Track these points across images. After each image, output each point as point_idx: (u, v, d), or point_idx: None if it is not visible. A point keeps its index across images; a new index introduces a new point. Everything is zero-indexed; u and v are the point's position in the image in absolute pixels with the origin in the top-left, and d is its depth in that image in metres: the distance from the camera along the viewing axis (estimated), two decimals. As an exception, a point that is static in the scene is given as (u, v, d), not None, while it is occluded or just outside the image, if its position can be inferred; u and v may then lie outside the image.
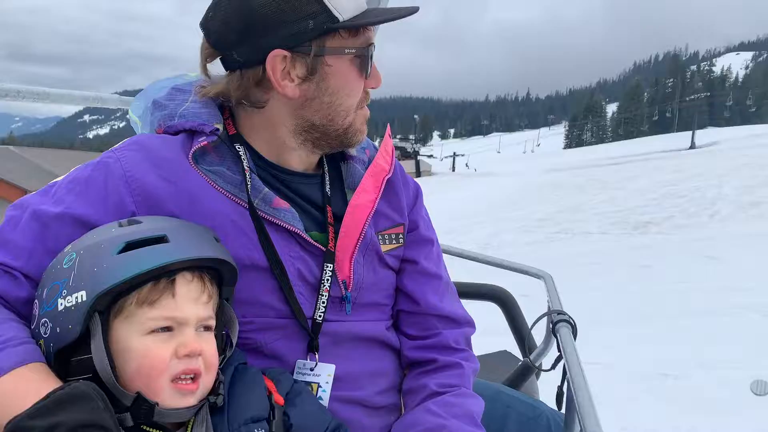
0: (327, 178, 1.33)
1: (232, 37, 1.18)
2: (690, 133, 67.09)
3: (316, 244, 1.24)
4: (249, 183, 1.20)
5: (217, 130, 1.23)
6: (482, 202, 23.99)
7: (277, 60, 1.17)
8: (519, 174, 42.07)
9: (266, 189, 1.22)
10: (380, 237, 1.35)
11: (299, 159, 1.29)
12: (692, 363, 5.19)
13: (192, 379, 0.99)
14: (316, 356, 1.22)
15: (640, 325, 6.54)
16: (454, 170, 64.80)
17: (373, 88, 1.27)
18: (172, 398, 0.97)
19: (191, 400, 0.98)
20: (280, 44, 1.16)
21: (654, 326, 6.41)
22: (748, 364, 5.07)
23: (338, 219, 1.29)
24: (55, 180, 1.23)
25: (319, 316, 1.23)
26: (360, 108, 1.26)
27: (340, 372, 1.25)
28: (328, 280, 1.24)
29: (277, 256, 1.19)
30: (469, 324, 1.44)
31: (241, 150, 1.23)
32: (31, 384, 0.91)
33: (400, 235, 1.39)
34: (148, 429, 0.96)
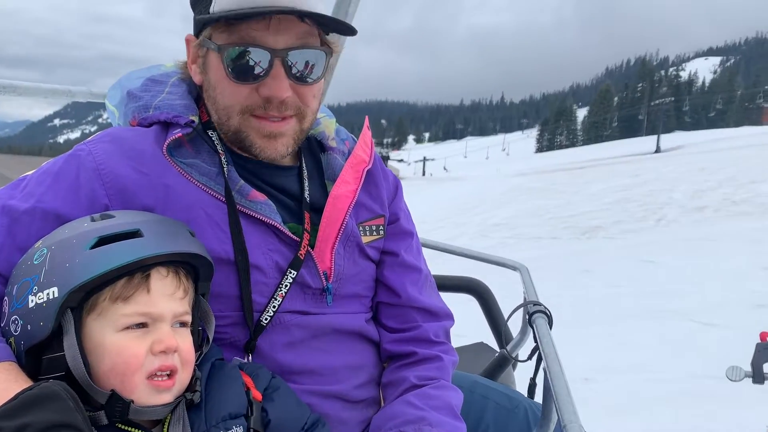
0: (305, 171, 1.32)
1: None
2: (654, 136, 68.22)
3: (292, 236, 1.22)
4: (226, 173, 1.19)
5: (193, 122, 1.21)
6: (444, 207, 24.11)
7: (190, 41, 1.21)
8: (486, 178, 42.40)
9: (242, 181, 1.20)
10: (361, 228, 1.34)
11: None
12: (608, 367, 5.33)
13: (168, 375, 0.97)
14: (250, 357, 1.21)
15: (568, 330, 6.67)
16: (423, 174, 65.07)
17: (265, 96, 1.17)
18: (147, 395, 0.95)
19: (167, 397, 0.97)
20: (192, 29, 1.20)
21: (582, 331, 6.52)
22: (655, 368, 5.23)
23: (317, 210, 1.29)
24: (25, 174, 1.21)
25: (273, 307, 1.20)
26: (248, 113, 1.19)
27: (319, 365, 1.24)
28: (291, 273, 1.22)
29: (243, 247, 1.17)
30: (448, 317, 1.44)
31: (215, 138, 1.23)
32: (1, 383, 0.89)
33: (381, 227, 1.38)
34: (124, 427, 0.95)
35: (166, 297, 0.99)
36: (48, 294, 0.93)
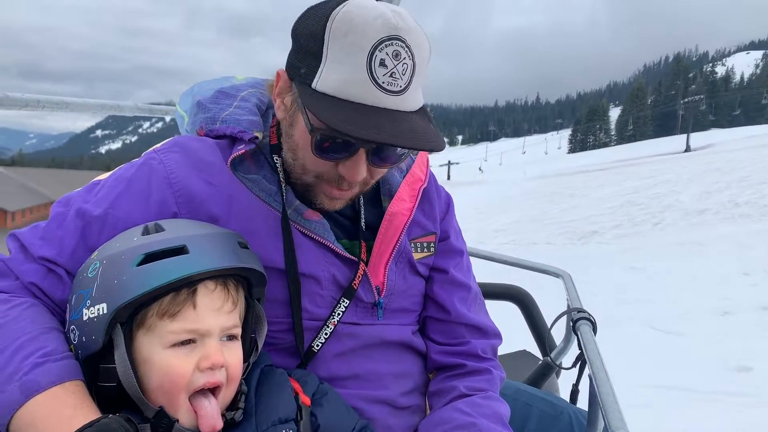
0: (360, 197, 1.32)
1: None
2: (691, 135, 66.71)
3: (345, 254, 1.26)
4: (284, 193, 1.22)
5: (256, 138, 1.24)
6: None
7: (282, 75, 1.19)
8: (505, 182, 42.06)
9: (298, 201, 1.24)
10: (413, 245, 1.37)
11: None
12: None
13: (212, 391, 0.98)
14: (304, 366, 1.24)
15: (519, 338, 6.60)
16: (449, 179, 64.83)
17: (341, 174, 1.16)
18: (188, 419, 0.96)
19: (213, 423, 0.96)
20: (288, 66, 1.17)
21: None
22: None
23: (369, 226, 1.32)
24: (98, 178, 1.26)
25: (325, 335, 1.24)
26: (324, 181, 1.19)
27: (366, 372, 1.27)
28: (344, 302, 1.25)
29: (294, 261, 1.20)
30: (496, 336, 1.45)
31: (278, 162, 1.25)
32: (65, 409, 0.90)
33: (432, 244, 1.41)
34: None
35: (213, 312, 0.98)
36: (99, 309, 0.95)
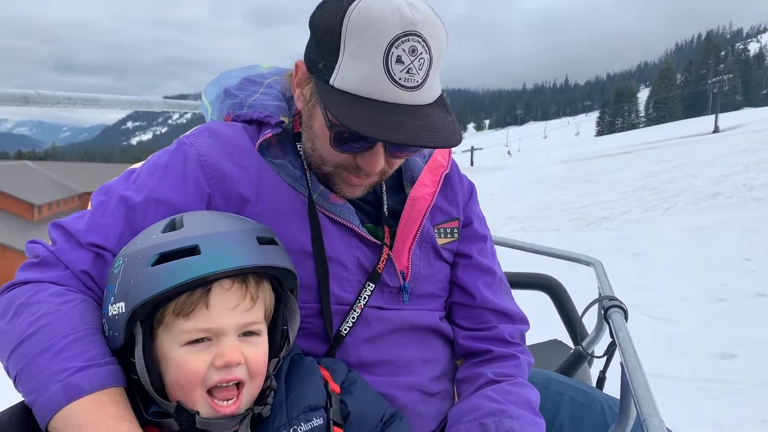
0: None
1: None
2: (721, 115, 65.26)
3: (370, 238, 1.28)
4: (309, 181, 1.25)
5: (282, 122, 1.26)
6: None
7: (301, 67, 1.21)
8: (525, 167, 41.72)
9: (322, 186, 1.26)
10: (436, 230, 1.38)
11: None
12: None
13: (236, 386, 0.98)
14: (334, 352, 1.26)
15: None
16: (472, 165, 64.45)
17: (359, 165, 1.19)
18: (208, 412, 0.97)
19: (231, 410, 0.98)
20: (307, 58, 1.18)
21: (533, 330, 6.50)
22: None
23: (392, 212, 1.34)
24: (132, 167, 1.28)
25: (352, 319, 1.25)
26: (344, 171, 1.22)
27: (396, 358, 1.28)
28: (370, 286, 1.26)
29: (321, 245, 1.22)
30: (523, 321, 1.46)
31: (302, 149, 1.27)
32: (109, 420, 0.91)
33: (455, 230, 1.41)
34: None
35: (228, 311, 0.97)
36: (119, 308, 0.97)
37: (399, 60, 1.06)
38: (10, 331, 1.00)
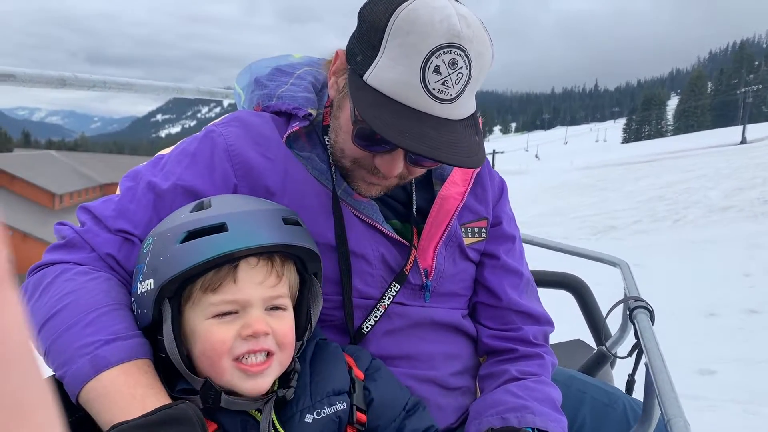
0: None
1: None
2: (751, 126, 64.14)
3: (394, 235, 1.27)
4: (334, 176, 1.24)
5: (310, 115, 1.25)
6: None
7: (340, 56, 1.20)
8: (546, 172, 41.54)
9: (346, 183, 1.25)
10: (463, 230, 1.36)
11: None
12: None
13: (267, 355, 0.98)
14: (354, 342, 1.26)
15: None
16: (493, 168, 64.01)
17: (377, 166, 1.18)
18: (240, 380, 0.97)
19: (261, 384, 0.98)
20: (349, 47, 1.17)
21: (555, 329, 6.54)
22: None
23: (420, 210, 1.33)
24: (161, 152, 1.31)
25: (375, 318, 1.25)
26: (362, 169, 1.22)
27: (416, 352, 1.28)
28: (395, 287, 1.26)
29: (344, 239, 1.22)
30: (548, 323, 1.44)
31: (329, 143, 1.26)
32: (138, 388, 0.92)
33: (483, 229, 1.39)
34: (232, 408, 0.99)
35: (255, 284, 0.99)
36: (147, 285, 0.99)
37: (437, 70, 1.04)
38: (37, 310, 1.01)
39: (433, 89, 1.05)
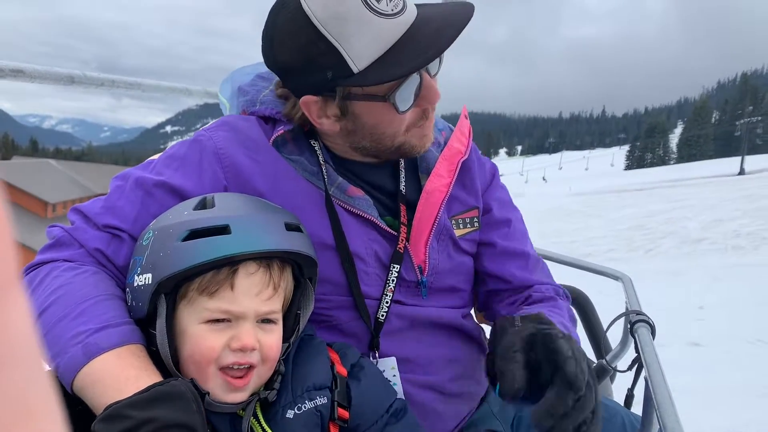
0: (402, 165, 1.34)
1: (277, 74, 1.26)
2: (752, 158, 64.17)
3: (389, 230, 1.27)
4: (325, 175, 1.24)
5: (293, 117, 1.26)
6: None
7: (309, 102, 1.19)
8: (540, 196, 41.66)
9: (340, 179, 1.25)
10: (454, 222, 1.35)
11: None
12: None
13: (248, 369, 0.98)
14: (377, 354, 1.24)
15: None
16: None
17: (425, 107, 1.21)
18: (221, 390, 0.97)
19: (239, 397, 0.98)
20: (308, 90, 1.17)
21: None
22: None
23: (411, 205, 1.31)
24: (151, 158, 1.30)
25: (386, 303, 1.24)
26: (413, 127, 1.22)
27: (415, 355, 1.27)
28: (395, 268, 1.26)
29: (344, 239, 1.22)
30: (566, 296, 1.43)
31: (317, 145, 1.27)
32: (131, 370, 0.92)
33: (475, 219, 1.38)
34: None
35: (251, 296, 0.98)
36: (145, 279, 0.98)
37: None
38: None
39: (393, 9, 1.09)
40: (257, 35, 1.21)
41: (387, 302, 1.24)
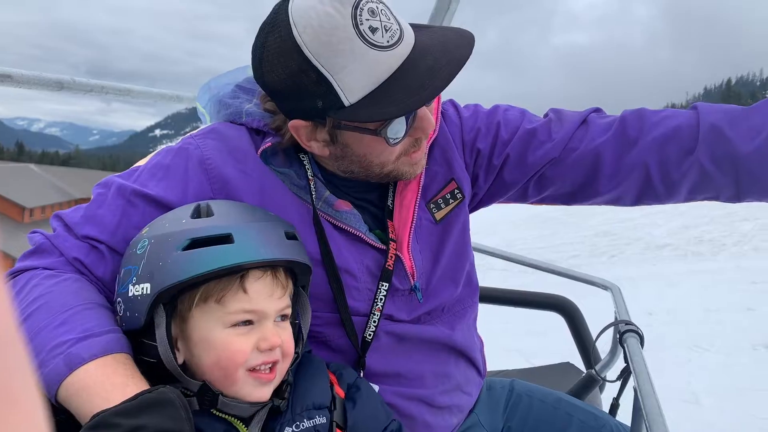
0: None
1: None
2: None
3: (377, 244, 1.24)
4: (313, 191, 1.20)
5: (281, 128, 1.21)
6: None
7: (299, 126, 1.14)
8: (519, 206, 41.83)
9: (328, 192, 1.21)
10: (433, 205, 1.31)
11: None
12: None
13: (270, 368, 0.98)
14: (362, 373, 1.22)
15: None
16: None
17: (419, 137, 1.16)
18: (251, 387, 0.97)
19: (266, 392, 0.98)
20: (297, 115, 1.13)
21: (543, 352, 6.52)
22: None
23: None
24: (136, 165, 1.26)
25: (374, 323, 1.22)
26: (404, 156, 1.18)
27: (405, 370, 1.25)
28: (384, 286, 1.23)
29: (331, 255, 1.19)
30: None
31: (305, 158, 1.23)
32: (117, 378, 0.90)
33: (456, 191, 1.32)
34: (217, 414, 0.97)
35: (265, 296, 0.99)
36: (143, 289, 0.96)
37: (373, 30, 1.02)
38: None
39: (387, 42, 1.03)
40: (249, 40, 1.16)
41: (375, 321, 1.22)
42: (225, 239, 0.97)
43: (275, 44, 1.06)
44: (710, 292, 10.24)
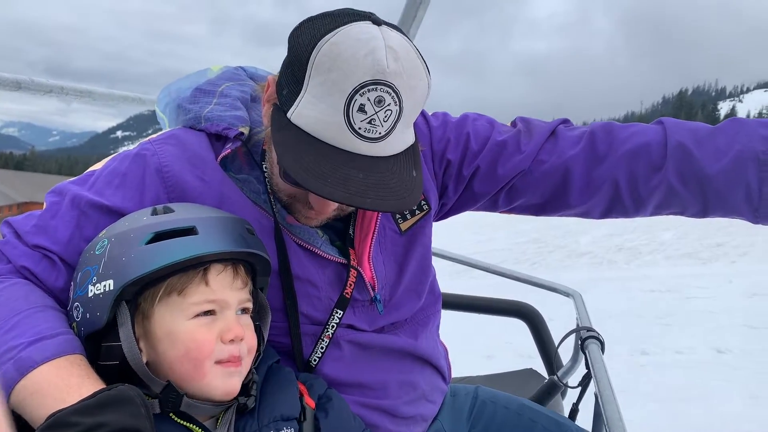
0: None
1: None
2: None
3: (335, 258, 1.21)
4: (272, 199, 1.17)
5: (242, 134, 1.17)
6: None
7: (272, 84, 1.12)
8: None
9: (278, 206, 1.18)
10: (397, 217, 1.29)
11: None
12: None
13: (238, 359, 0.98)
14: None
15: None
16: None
17: (313, 205, 1.12)
18: (220, 379, 0.95)
19: (235, 382, 0.97)
20: (279, 74, 1.09)
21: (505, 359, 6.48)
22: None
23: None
24: (92, 168, 1.22)
25: (321, 349, 1.19)
26: (299, 202, 1.15)
27: (369, 381, 1.24)
28: (338, 313, 1.20)
29: (290, 274, 1.17)
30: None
31: (266, 165, 1.19)
32: (73, 379, 0.88)
33: (423, 203, 1.30)
34: (176, 420, 0.95)
35: (227, 287, 0.98)
36: (105, 286, 0.94)
37: (362, 109, 0.97)
38: None
39: (359, 128, 0.98)
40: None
41: (322, 347, 1.20)
42: (189, 231, 0.97)
43: (316, 24, 1.02)
44: (609, 299, 10.72)
